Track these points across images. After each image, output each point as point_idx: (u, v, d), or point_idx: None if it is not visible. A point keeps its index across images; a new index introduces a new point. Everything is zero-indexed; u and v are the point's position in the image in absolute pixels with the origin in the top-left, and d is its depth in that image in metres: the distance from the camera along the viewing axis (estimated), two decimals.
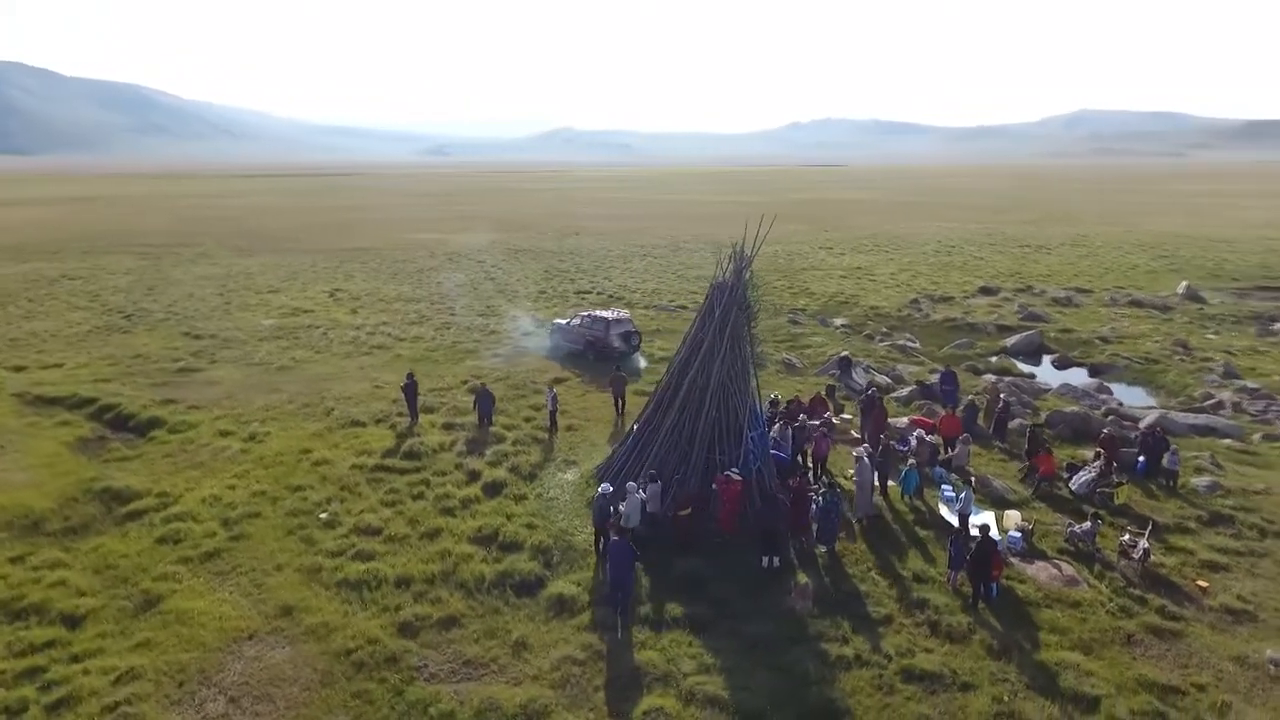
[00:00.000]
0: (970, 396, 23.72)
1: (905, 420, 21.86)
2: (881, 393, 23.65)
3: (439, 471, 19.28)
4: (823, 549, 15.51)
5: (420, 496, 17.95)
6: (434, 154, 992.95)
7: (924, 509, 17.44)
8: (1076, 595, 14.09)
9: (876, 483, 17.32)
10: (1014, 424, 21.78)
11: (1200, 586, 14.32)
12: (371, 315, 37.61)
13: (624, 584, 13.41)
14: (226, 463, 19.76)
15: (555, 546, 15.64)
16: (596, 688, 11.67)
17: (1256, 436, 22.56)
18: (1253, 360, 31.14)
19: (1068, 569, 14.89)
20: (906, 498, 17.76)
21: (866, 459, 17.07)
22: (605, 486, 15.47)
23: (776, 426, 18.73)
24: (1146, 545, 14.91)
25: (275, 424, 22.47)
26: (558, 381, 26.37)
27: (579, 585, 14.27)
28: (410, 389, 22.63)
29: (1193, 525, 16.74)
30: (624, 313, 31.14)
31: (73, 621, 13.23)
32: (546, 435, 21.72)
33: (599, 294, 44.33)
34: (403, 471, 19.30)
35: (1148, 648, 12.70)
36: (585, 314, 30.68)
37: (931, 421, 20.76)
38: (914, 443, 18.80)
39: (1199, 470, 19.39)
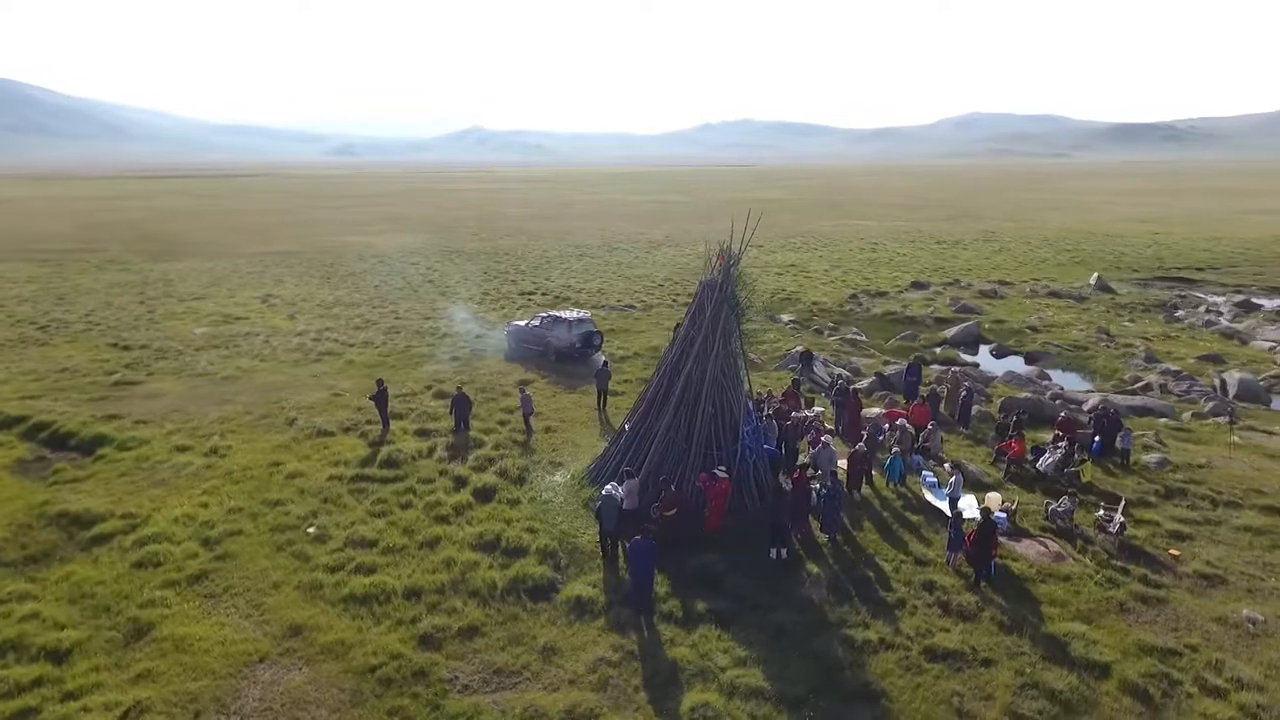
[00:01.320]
0: (932, 386, 24.72)
1: (875, 411, 22.60)
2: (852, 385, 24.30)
3: (423, 479, 18.76)
4: (825, 538, 15.91)
5: (409, 505, 17.43)
6: (341, 154, 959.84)
7: (909, 495, 18.10)
8: (1065, 570, 14.93)
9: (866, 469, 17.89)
10: (974, 410, 22.85)
11: (1173, 555, 15.41)
12: (312, 321, 36.15)
13: (646, 582, 13.44)
14: (191, 480, 18.66)
15: (561, 549, 15.49)
16: (636, 687, 11.64)
17: (1186, 415, 24.40)
18: (1167, 345, 33.63)
19: (1053, 545, 15.76)
20: (891, 485, 18.39)
21: (830, 445, 17.77)
22: (612, 487, 15.40)
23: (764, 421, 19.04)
24: (1123, 519, 15.95)
25: (235, 437, 21.35)
26: (525, 383, 26.01)
27: (594, 587, 14.18)
28: (381, 396, 21.91)
29: (1152, 499, 17.99)
30: (584, 313, 31.01)
31: (58, 656, 12.25)
32: (525, 438, 21.45)
33: (544, 295, 43.95)
34: (384, 481, 18.69)
35: (1139, 615, 13.60)
36: (544, 315, 30.39)
37: (904, 411, 21.54)
38: (897, 432, 19.44)
39: (1146, 448, 20.84)
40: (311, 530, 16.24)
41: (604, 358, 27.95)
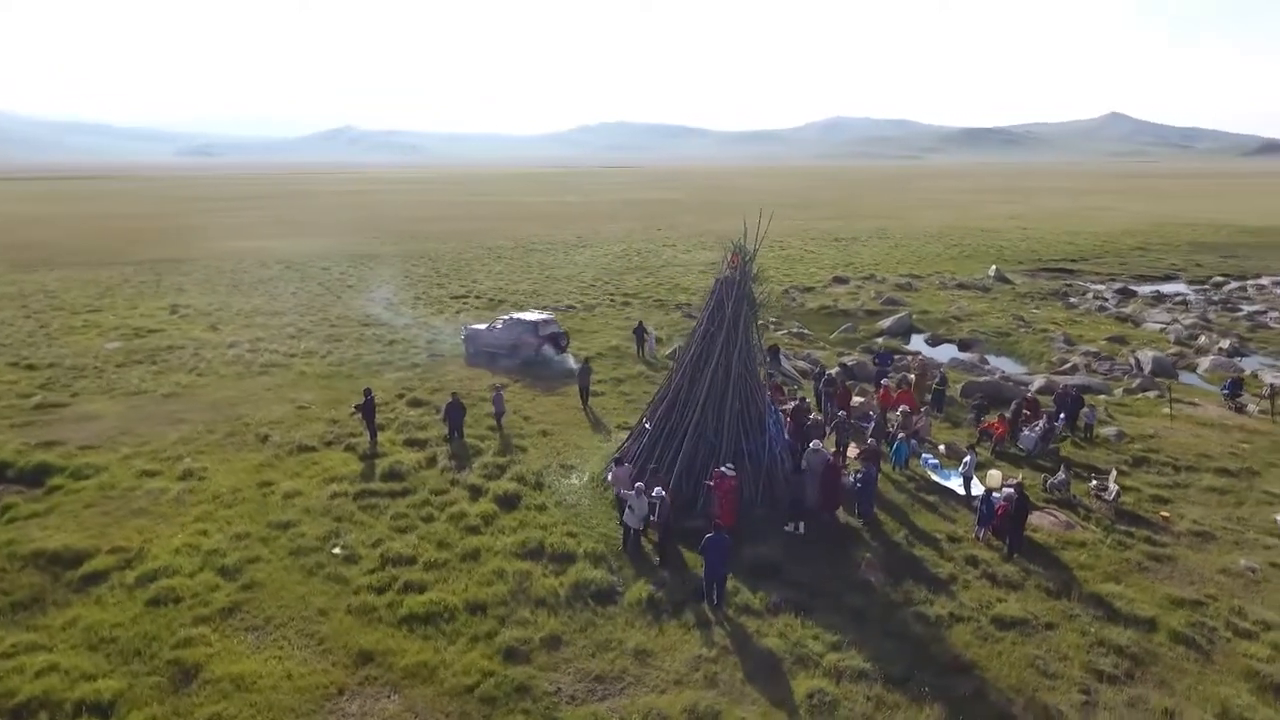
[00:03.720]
0: (902, 374, 25.97)
1: (857, 400, 23.51)
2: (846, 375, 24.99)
3: (435, 490, 17.98)
4: (860, 521, 16.47)
5: (431, 518, 16.66)
6: (197, 154, 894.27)
7: (917, 477, 19.00)
8: (1079, 537, 16.16)
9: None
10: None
11: (1164, 517, 16.98)
12: (239, 332, 33.64)
13: (721, 576, 13.51)
14: (174, 507, 17.04)
15: (609, 552, 15.27)
16: (743, 680, 11.68)
17: (1119, 391, 26.84)
18: (1076, 329, 36.79)
19: (1061, 516, 17.00)
20: (897, 468, 19.24)
21: (823, 449, 18.12)
22: (659, 491, 15.31)
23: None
24: (1117, 488, 17.42)
25: (206, 458, 19.65)
26: (501, 386, 25.28)
27: (657, 586, 14.05)
28: (368, 407, 20.76)
29: (1125, 468, 19.70)
30: (547, 314, 30.50)
31: (101, 710, 10.93)
32: (496, 436, 21.01)
33: (477, 298, 42.83)
34: (394, 495, 17.77)
35: (1156, 572, 14.92)
36: (506, 317, 29.69)
37: (902, 397, 22.48)
38: (900, 417, 20.33)
39: (1101, 422, 22.77)
40: (338, 551, 15.23)
41: (584, 357, 27.63)
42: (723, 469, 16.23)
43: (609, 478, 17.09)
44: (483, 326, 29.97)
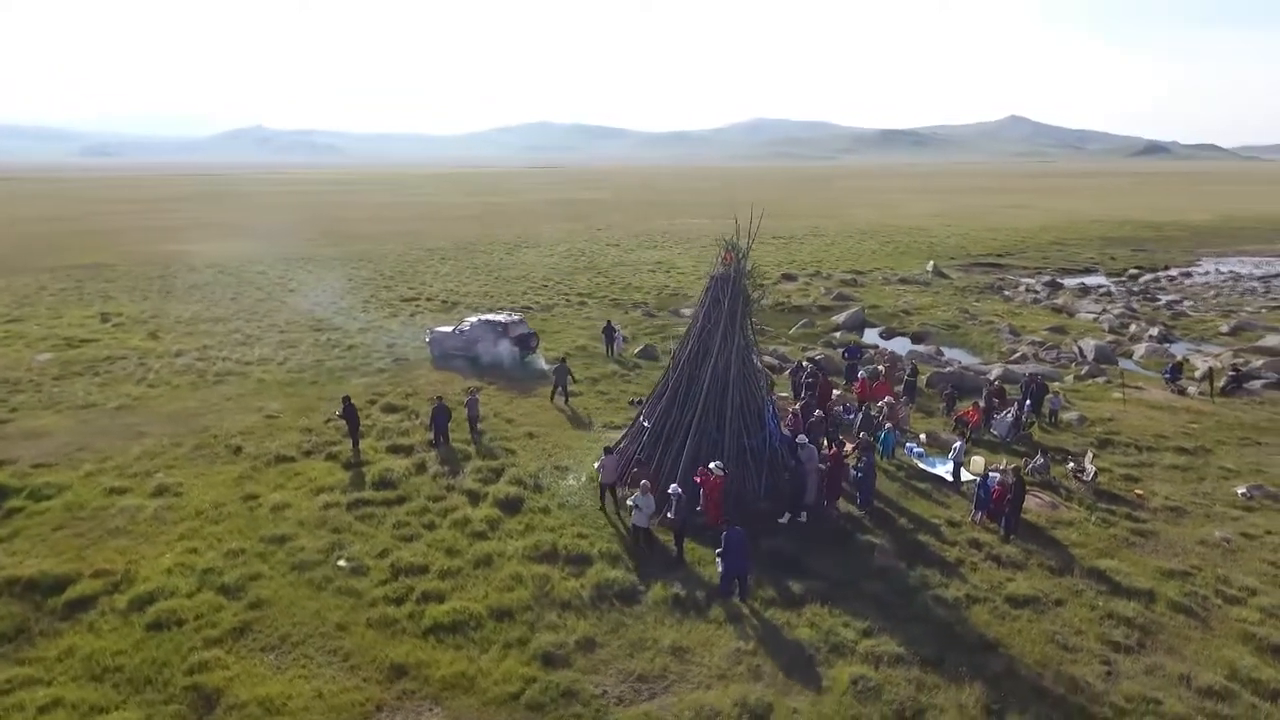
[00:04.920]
0: (873, 366, 26.68)
1: (835, 394, 24.04)
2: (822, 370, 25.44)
3: (431, 497, 17.51)
4: (861, 511, 16.86)
5: (434, 526, 16.23)
6: (94, 155, 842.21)
7: (905, 465, 19.57)
8: (1066, 516, 16.97)
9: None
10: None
11: (1138, 495, 17.99)
12: (182, 340, 31.90)
13: (743, 570, 13.62)
14: (154, 525, 16.07)
15: (624, 552, 15.19)
16: (785, 671, 11.79)
17: (1069, 378, 28.27)
18: (1019, 320, 38.56)
19: (1045, 497, 17.81)
20: (884, 459, 19.75)
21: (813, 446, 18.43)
22: (675, 488, 15.31)
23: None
24: (1094, 469, 18.36)
25: (178, 472, 18.60)
26: (476, 389, 24.77)
27: (680, 582, 14.07)
28: (350, 414, 20.03)
29: (1093, 450, 20.77)
30: (516, 315, 30.06)
31: None
32: (512, 444, 20.62)
33: (429, 300, 41.84)
34: (389, 503, 17.22)
35: (1142, 547, 15.80)
36: (475, 319, 29.11)
37: (885, 389, 23.04)
38: (885, 408, 20.88)
39: (1063, 408, 23.93)
40: (343, 564, 14.67)
41: (562, 355, 27.32)
42: (710, 466, 16.31)
43: (597, 467, 17.23)
44: (449, 329, 29.31)
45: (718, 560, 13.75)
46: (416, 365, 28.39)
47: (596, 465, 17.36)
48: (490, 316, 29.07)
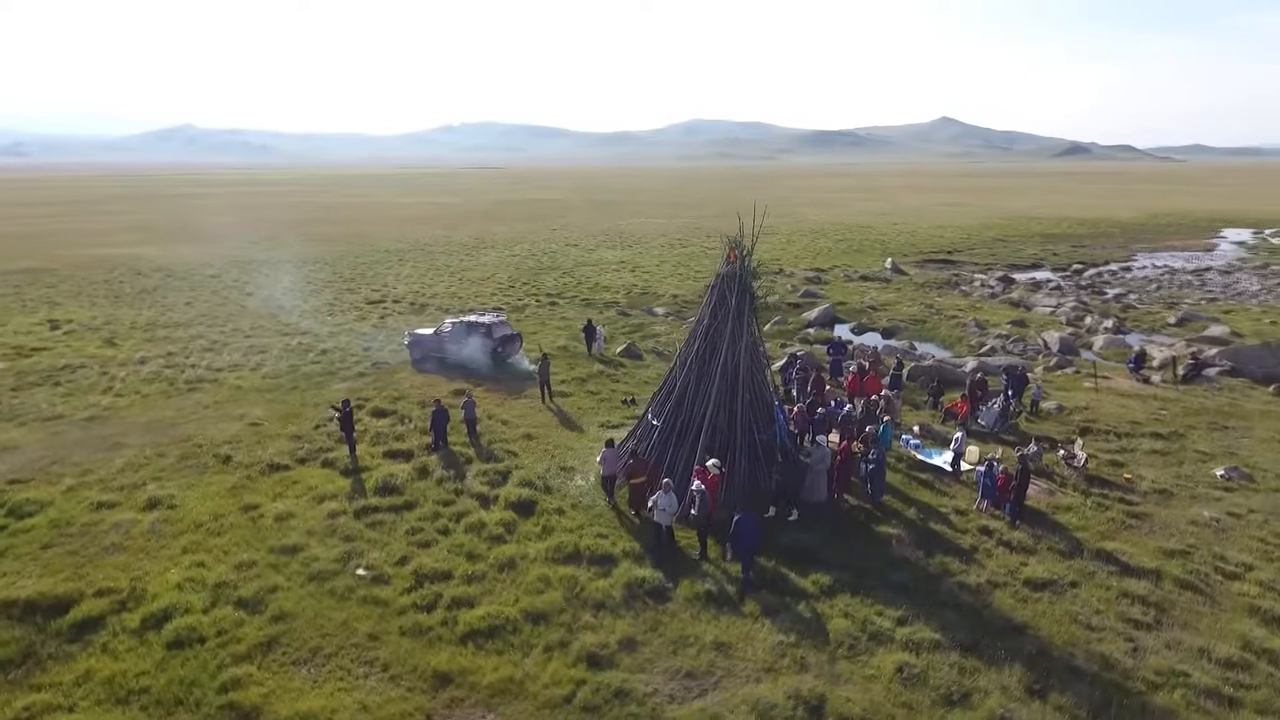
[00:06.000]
0: (860, 361, 27.15)
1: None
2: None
3: (441, 501, 17.17)
4: (872, 503, 17.18)
5: (448, 531, 15.92)
6: (6, 155, 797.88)
7: (904, 458, 19.99)
8: (1064, 501, 17.60)
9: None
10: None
11: (1126, 479, 18.77)
12: (143, 347, 30.51)
13: (753, 553, 14.05)
14: (152, 540, 15.37)
15: (646, 550, 15.16)
16: (830, 661, 11.95)
17: (1039, 369, 29.29)
18: (981, 314, 39.74)
19: (1042, 484, 18.42)
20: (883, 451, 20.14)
21: (825, 444, 18.78)
22: (698, 484, 15.34)
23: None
24: (1085, 455, 19.08)
25: (168, 484, 17.82)
26: (459, 393, 24.40)
27: (708, 578, 14.12)
28: (347, 419, 19.48)
29: (1076, 438, 21.58)
30: (498, 315, 29.67)
31: None
32: (512, 445, 20.37)
33: (396, 302, 40.98)
34: (396, 509, 16.82)
35: (1139, 528, 16.49)
36: (455, 320, 28.61)
37: (863, 383, 23.49)
38: (883, 401, 21.28)
39: (1042, 398, 24.78)
40: (362, 572, 14.27)
41: (543, 351, 27.10)
42: (707, 464, 16.38)
43: (598, 459, 17.51)
44: (429, 331, 28.76)
45: (726, 548, 14.40)
46: (397, 369, 27.77)
47: (598, 458, 17.54)
48: (471, 318, 28.63)
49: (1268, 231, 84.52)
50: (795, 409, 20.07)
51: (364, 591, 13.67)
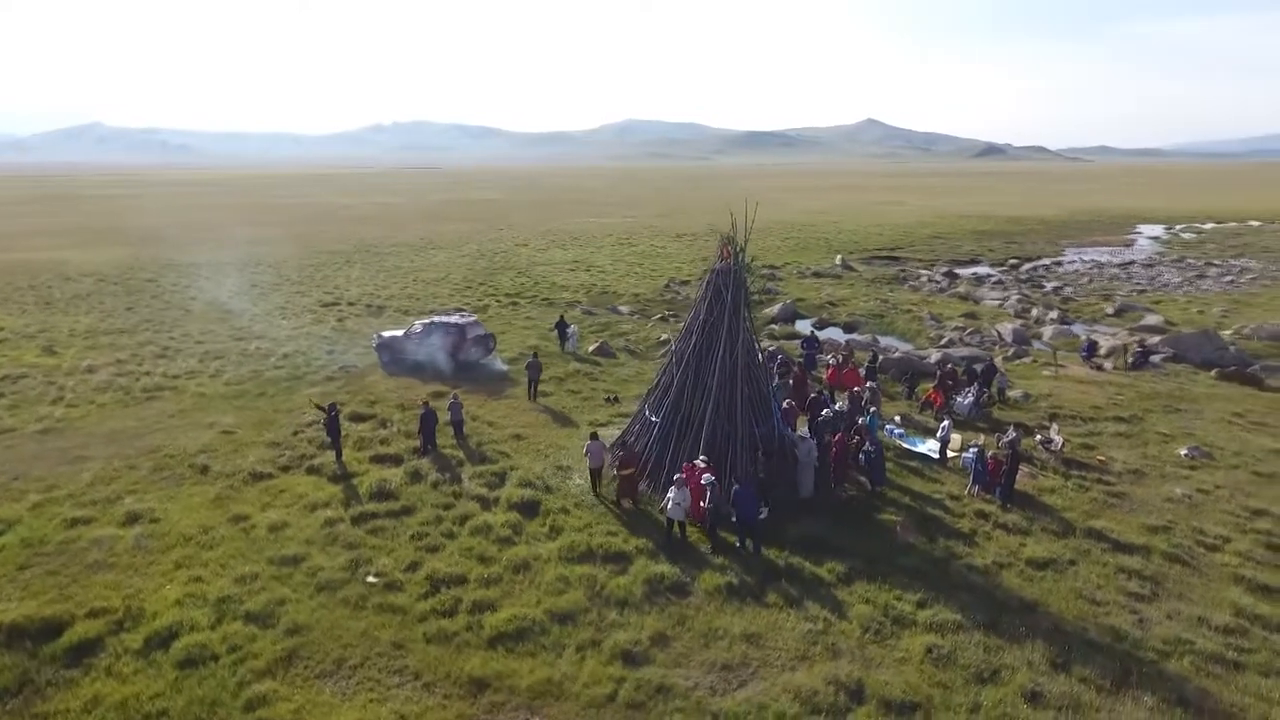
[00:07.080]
0: (829, 355, 27.67)
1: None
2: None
3: (440, 505, 16.80)
4: (874, 490, 17.57)
5: (453, 535, 15.58)
6: None
7: (890, 447, 20.46)
8: (1048, 484, 18.32)
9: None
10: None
11: (1101, 461, 19.65)
12: (87, 355, 28.84)
13: (753, 519, 14.72)
14: (139, 556, 14.58)
15: (659, 547, 15.14)
16: (861, 646, 12.18)
17: (999, 359, 30.38)
18: (935, 308, 41.02)
19: (1024, 468, 19.12)
20: None
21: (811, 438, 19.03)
22: (709, 477, 15.40)
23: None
24: (1061, 439, 19.90)
25: (146, 497, 16.93)
26: (438, 396, 23.89)
27: (727, 571, 14.19)
28: (333, 423, 18.85)
29: (1049, 423, 22.48)
30: (470, 315, 29.13)
31: None
32: (503, 446, 20.08)
33: (351, 304, 39.83)
34: (395, 514, 16.39)
35: (1120, 506, 17.30)
36: (426, 321, 27.96)
37: (858, 377, 23.89)
38: (867, 393, 21.72)
39: (1009, 386, 25.73)
40: (372, 579, 13.85)
41: (534, 351, 26.77)
42: (696, 461, 16.46)
43: (584, 452, 17.61)
44: (399, 333, 28.05)
45: (731, 511, 14.90)
46: (367, 372, 27.00)
47: (585, 450, 17.61)
48: (442, 318, 28.04)
49: (1178, 227, 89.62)
50: (786, 403, 20.27)
51: (378, 599, 13.27)
